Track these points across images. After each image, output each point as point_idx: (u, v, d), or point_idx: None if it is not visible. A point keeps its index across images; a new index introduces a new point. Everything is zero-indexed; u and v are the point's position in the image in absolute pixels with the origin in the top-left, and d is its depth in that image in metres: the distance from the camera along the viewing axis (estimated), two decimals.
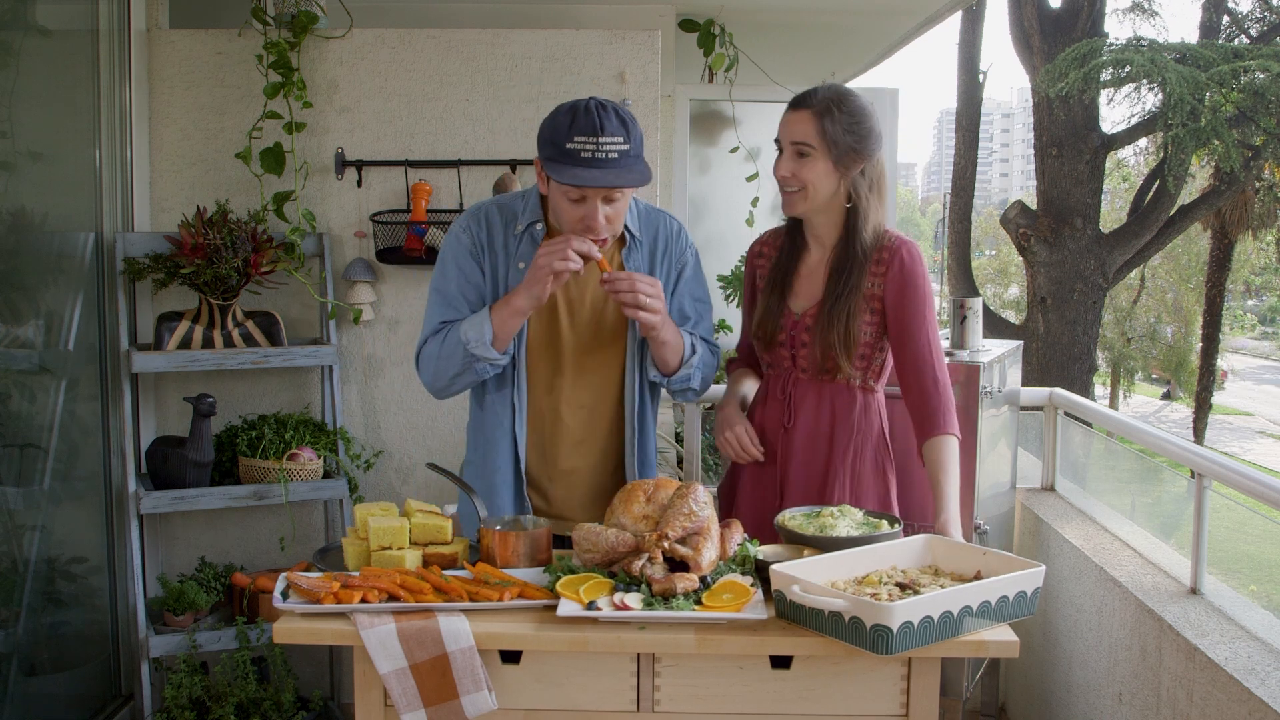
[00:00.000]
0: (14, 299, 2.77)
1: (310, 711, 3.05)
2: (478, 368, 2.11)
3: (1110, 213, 18.63)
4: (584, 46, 3.21)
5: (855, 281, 2.15)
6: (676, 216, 2.40)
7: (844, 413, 2.19)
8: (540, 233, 2.17)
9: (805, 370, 2.21)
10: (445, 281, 2.18)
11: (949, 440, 2.11)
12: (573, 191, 2.01)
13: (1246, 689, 1.89)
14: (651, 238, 2.24)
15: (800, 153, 2.13)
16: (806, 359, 2.20)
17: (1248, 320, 28.54)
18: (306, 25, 3.09)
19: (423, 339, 2.19)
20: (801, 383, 2.22)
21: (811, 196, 2.15)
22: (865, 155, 2.14)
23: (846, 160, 2.13)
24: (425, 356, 2.18)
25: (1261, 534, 4.18)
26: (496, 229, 2.18)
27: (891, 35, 4.97)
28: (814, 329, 2.17)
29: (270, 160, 3.09)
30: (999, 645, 1.65)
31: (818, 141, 2.11)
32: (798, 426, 2.21)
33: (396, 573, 1.78)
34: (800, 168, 2.14)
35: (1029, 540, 3.16)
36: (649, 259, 2.23)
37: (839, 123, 2.11)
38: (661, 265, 2.24)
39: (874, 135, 2.16)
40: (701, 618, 1.66)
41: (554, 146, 2.01)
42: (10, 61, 2.70)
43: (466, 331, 2.08)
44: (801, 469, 2.21)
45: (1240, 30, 12.33)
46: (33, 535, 2.79)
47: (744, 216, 4.14)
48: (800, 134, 2.13)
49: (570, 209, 2.04)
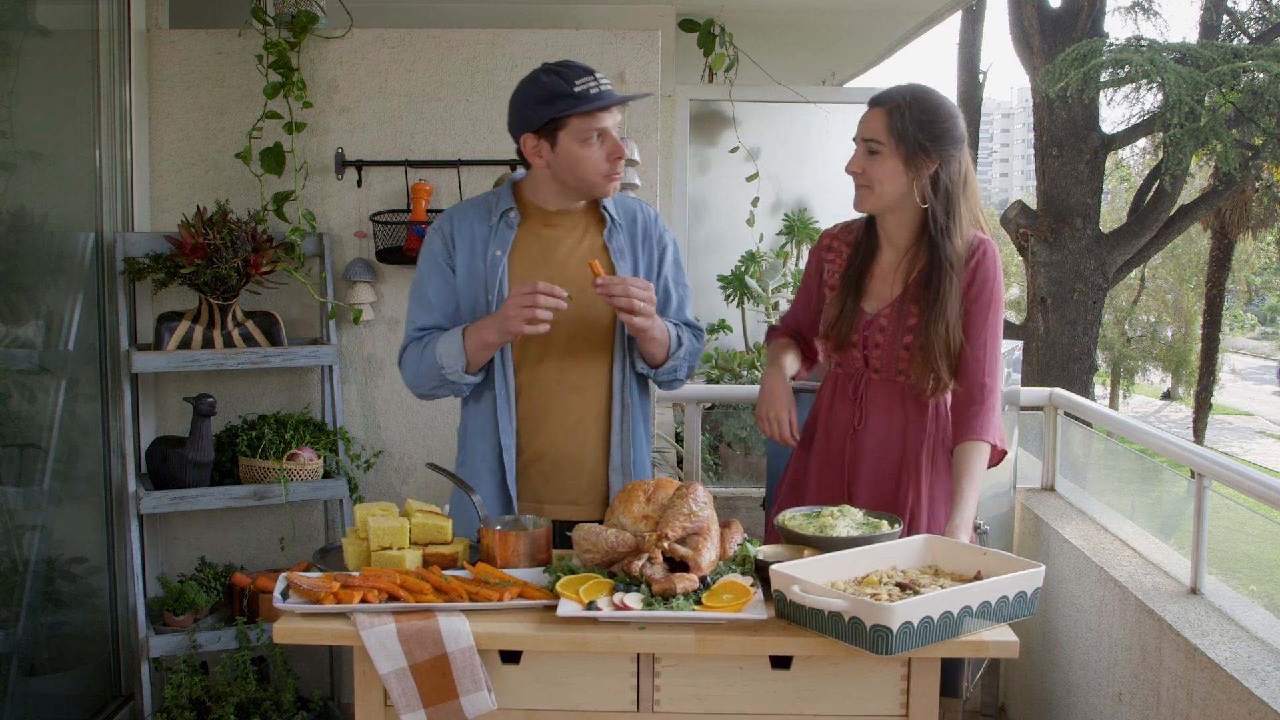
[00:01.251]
0: (14, 299, 2.77)
1: (310, 711, 3.05)
2: (453, 387, 2.17)
3: (1110, 213, 18.62)
4: (584, 46, 3.21)
5: (946, 290, 2.09)
6: (677, 217, 2.42)
7: (916, 415, 2.16)
8: (514, 219, 2.20)
9: (878, 371, 2.18)
10: (422, 286, 2.22)
11: (980, 446, 2.08)
12: (590, 130, 2.07)
13: (1246, 689, 1.89)
14: (630, 221, 2.27)
15: (870, 150, 2.10)
16: (880, 360, 2.17)
17: (1248, 320, 28.55)
18: (306, 25, 3.09)
19: (404, 343, 2.23)
20: (874, 384, 2.19)
21: (878, 194, 2.11)
22: (938, 156, 2.09)
23: (917, 160, 2.08)
24: (406, 363, 2.22)
25: (1261, 534, 4.18)
26: (466, 223, 2.20)
27: (891, 35, 4.97)
28: (889, 329, 2.14)
29: (270, 160, 3.09)
30: (999, 645, 1.65)
31: (886, 138, 2.08)
32: (868, 428, 2.19)
33: (396, 573, 1.78)
34: (869, 165, 2.11)
35: (1029, 540, 3.16)
36: (630, 241, 2.25)
37: (910, 120, 2.07)
38: (643, 248, 2.26)
39: (950, 137, 2.10)
40: (701, 618, 1.66)
41: (560, 100, 2.06)
42: (10, 61, 2.70)
43: (441, 355, 2.12)
44: (871, 472, 2.18)
45: (1240, 30, 12.32)
46: (33, 535, 2.79)
47: (744, 216, 4.14)
48: (871, 130, 2.10)
49: (592, 153, 2.09)
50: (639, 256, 2.25)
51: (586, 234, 2.23)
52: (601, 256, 2.20)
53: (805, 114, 4.22)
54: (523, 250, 2.20)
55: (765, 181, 4.08)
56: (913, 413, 2.17)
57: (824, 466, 2.24)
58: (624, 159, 2.14)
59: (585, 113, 2.06)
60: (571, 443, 2.22)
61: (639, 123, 3.22)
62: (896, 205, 2.13)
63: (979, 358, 2.12)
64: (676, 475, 3.46)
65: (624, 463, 2.23)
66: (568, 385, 2.21)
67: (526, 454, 2.22)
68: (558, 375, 2.20)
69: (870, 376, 2.19)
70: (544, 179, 2.17)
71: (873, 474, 2.18)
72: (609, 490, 2.23)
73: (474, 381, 2.16)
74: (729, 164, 4.17)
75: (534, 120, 2.09)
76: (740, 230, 4.14)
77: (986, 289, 2.13)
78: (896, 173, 2.09)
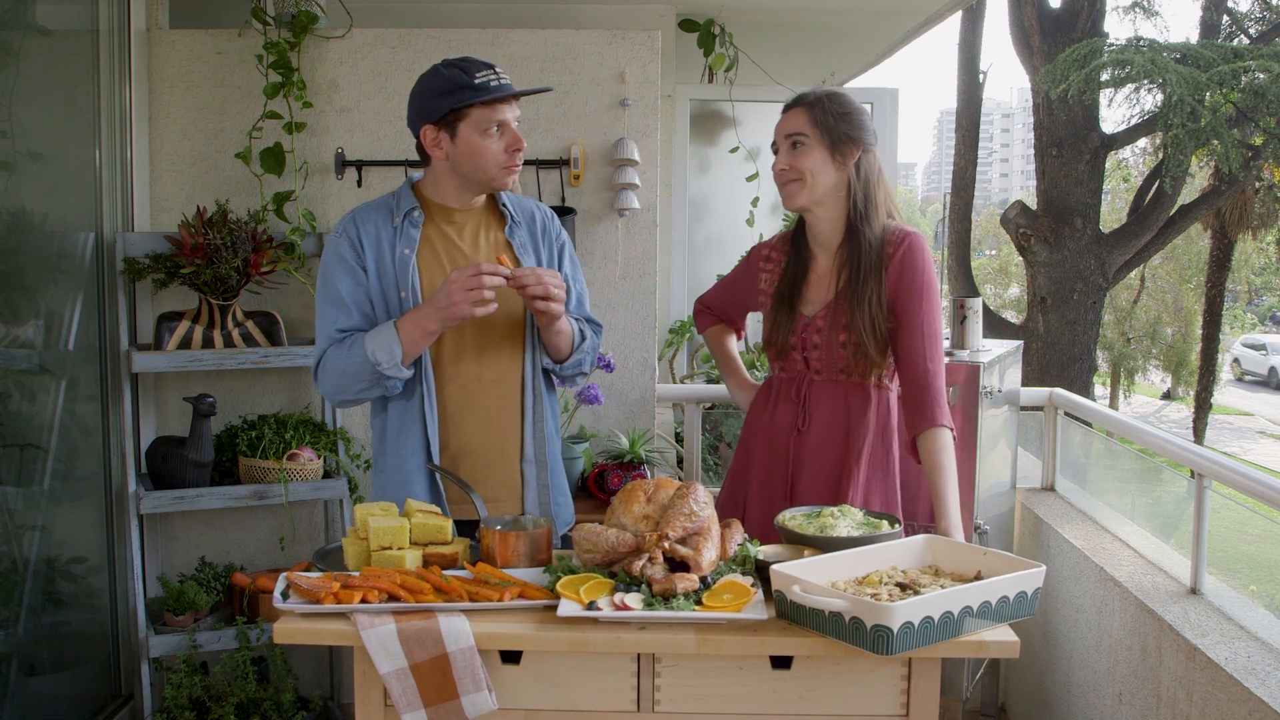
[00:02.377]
0: (14, 299, 2.77)
1: (310, 711, 3.05)
2: (386, 384, 2.13)
3: (1110, 213, 18.62)
4: (584, 46, 3.21)
5: (872, 272, 2.14)
6: (677, 217, 2.43)
7: (860, 411, 2.19)
8: (419, 218, 2.20)
9: (820, 372, 2.21)
10: (333, 290, 2.18)
11: (943, 434, 2.10)
12: (490, 121, 2.10)
13: (1246, 689, 1.89)
14: (529, 219, 2.30)
15: (795, 144, 2.16)
16: (820, 360, 2.19)
17: (1248, 320, 28.52)
18: (306, 25, 3.10)
19: (321, 350, 2.17)
20: (816, 384, 2.21)
21: (811, 186, 2.16)
22: (861, 143, 2.15)
23: (843, 148, 2.15)
24: (327, 370, 2.16)
25: (1261, 534, 4.17)
26: (370, 225, 2.19)
27: (891, 35, 4.97)
28: (825, 330, 2.17)
29: (270, 160, 3.09)
30: (999, 645, 1.65)
31: (810, 129, 2.15)
32: (812, 427, 2.21)
33: (396, 573, 1.78)
34: (797, 158, 2.15)
35: (1029, 540, 3.16)
36: (530, 238, 2.28)
37: (830, 112, 2.15)
38: (543, 244, 2.29)
39: (868, 127, 2.18)
40: (701, 618, 1.66)
41: (460, 90, 2.08)
42: (10, 61, 2.70)
43: (375, 351, 2.08)
44: (813, 469, 2.20)
45: (1240, 30, 12.32)
46: (33, 535, 2.79)
47: (744, 216, 4.14)
48: (793, 126, 2.17)
49: (492, 144, 2.12)
50: (540, 253, 2.28)
51: (489, 230, 2.25)
52: (506, 251, 2.23)
53: None
54: (429, 248, 2.20)
55: (765, 181, 4.07)
56: (856, 409, 2.19)
57: (767, 468, 2.26)
58: (522, 151, 2.16)
59: (485, 103, 2.09)
60: (492, 436, 2.22)
61: (639, 123, 3.22)
62: (827, 198, 2.17)
63: (918, 346, 2.13)
64: (676, 475, 3.46)
65: (537, 455, 2.25)
66: (486, 380, 2.22)
67: (451, 449, 2.22)
68: (476, 370, 2.21)
69: (812, 378, 2.22)
70: (444, 175, 2.19)
71: (815, 471, 2.20)
72: (523, 483, 2.24)
73: (408, 376, 2.14)
74: (729, 164, 4.17)
75: (434, 111, 2.11)
76: (740, 230, 4.14)
77: (916, 278, 2.15)
78: (825, 162, 2.15)
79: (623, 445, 3.08)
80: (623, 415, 3.28)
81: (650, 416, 3.29)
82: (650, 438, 3.23)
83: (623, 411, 3.28)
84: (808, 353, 2.21)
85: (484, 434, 2.22)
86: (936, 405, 2.11)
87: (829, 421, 2.20)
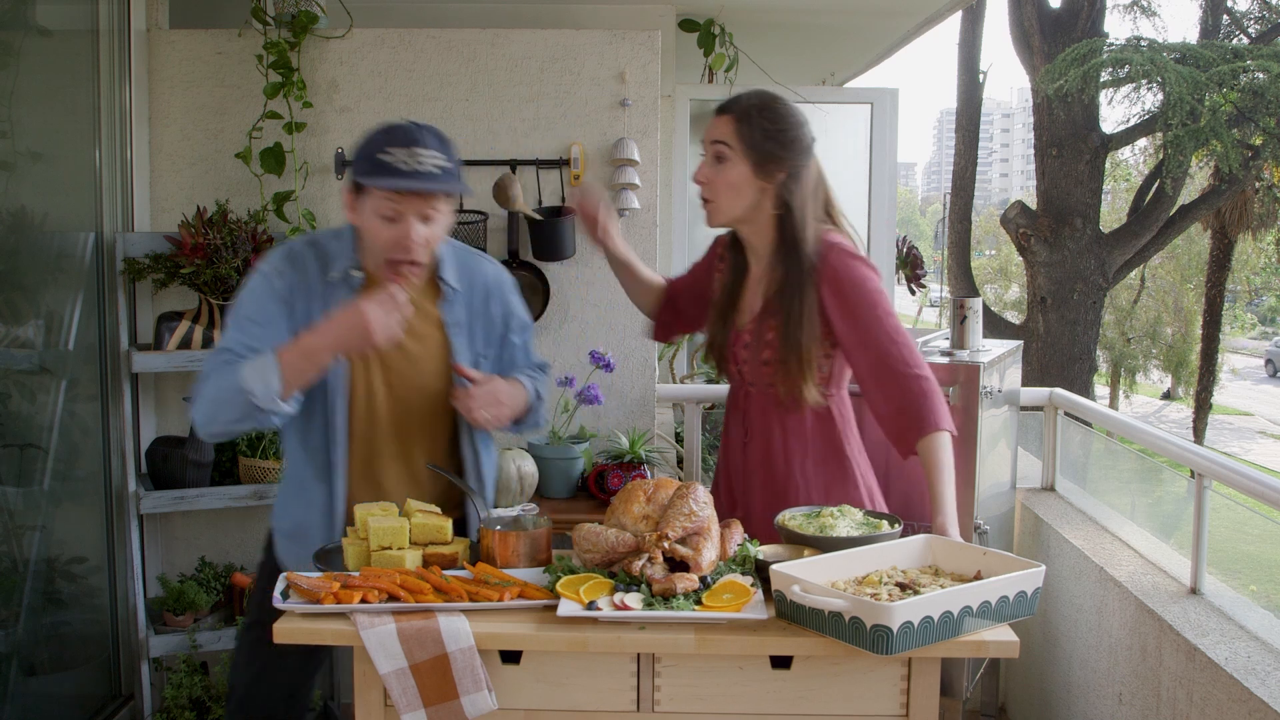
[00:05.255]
0: (14, 299, 2.77)
1: (310, 711, 3.05)
2: (260, 419, 1.87)
3: (1110, 213, 18.62)
4: (584, 46, 3.21)
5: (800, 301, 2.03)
6: (677, 217, 2.36)
7: (795, 429, 2.11)
8: (358, 280, 1.99)
9: (754, 385, 2.15)
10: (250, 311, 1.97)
11: (941, 437, 1.99)
12: (386, 208, 1.87)
13: (1247, 689, 1.89)
14: (468, 285, 2.09)
15: (719, 155, 2.06)
16: (751, 374, 2.14)
17: (1248, 320, 28.53)
18: (306, 25, 3.10)
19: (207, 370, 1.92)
20: (753, 397, 2.15)
21: (725, 208, 2.07)
22: (788, 162, 2.04)
23: (768, 166, 2.04)
24: (203, 391, 1.89)
25: (1261, 534, 4.17)
26: (311, 271, 1.99)
27: (891, 35, 4.97)
28: (751, 345, 2.11)
29: (270, 160, 3.09)
30: (999, 645, 1.65)
31: (736, 143, 2.04)
32: (753, 441, 2.16)
33: (396, 573, 1.78)
34: (716, 173, 2.06)
35: (1029, 540, 3.16)
36: (467, 310, 2.08)
37: (758, 127, 2.03)
38: (483, 316, 2.11)
39: (800, 144, 2.06)
40: (701, 618, 1.66)
41: (367, 161, 1.87)
42: (10, 61, 2.70)
43: (250, 381, 1.83)
44: (763, 485, 2.15)
45: (1240, 30, 12.33)
46: (33, 535, 2.79)
47: None
48: (719, 133, 2.06)
49: (383, 229, 1.89)
50: (475, 327, 2.10)
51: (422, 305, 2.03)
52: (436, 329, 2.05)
53: (805, 114, 4.23)
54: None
55: None
56: (792, 426, 2.11)
57: (727, 479, 2.23)
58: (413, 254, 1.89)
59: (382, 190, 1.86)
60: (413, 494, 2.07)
61: (639, 123, 3.22)
62: (747, 216, 2.09)
63: (892, 353, 2.01)
64: (676, 475, 3.46)
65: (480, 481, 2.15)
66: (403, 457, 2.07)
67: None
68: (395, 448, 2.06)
69: (748, 390, 2.16)
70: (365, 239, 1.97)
71: (763, 484, 2.15)
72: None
73: (288, 412, 1.89)
74: None
75: (352, 170, 1.93)
76: None
77: (854, 288, 2.04)
78: (744, 180, 2.05)
79: (623, 445, 3.08)
80: (623, 415, 3.28)
81: (650, 416, 3.30)
82: (650, 438, 3.23)
83: (623, 411, 3.28)
84: (740, 366, 2.15)
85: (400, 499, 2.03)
86: (930, 411, 1.99)
87: (765, 436, 2.13)
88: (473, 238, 3.20)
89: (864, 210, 4.33)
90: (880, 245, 4.29)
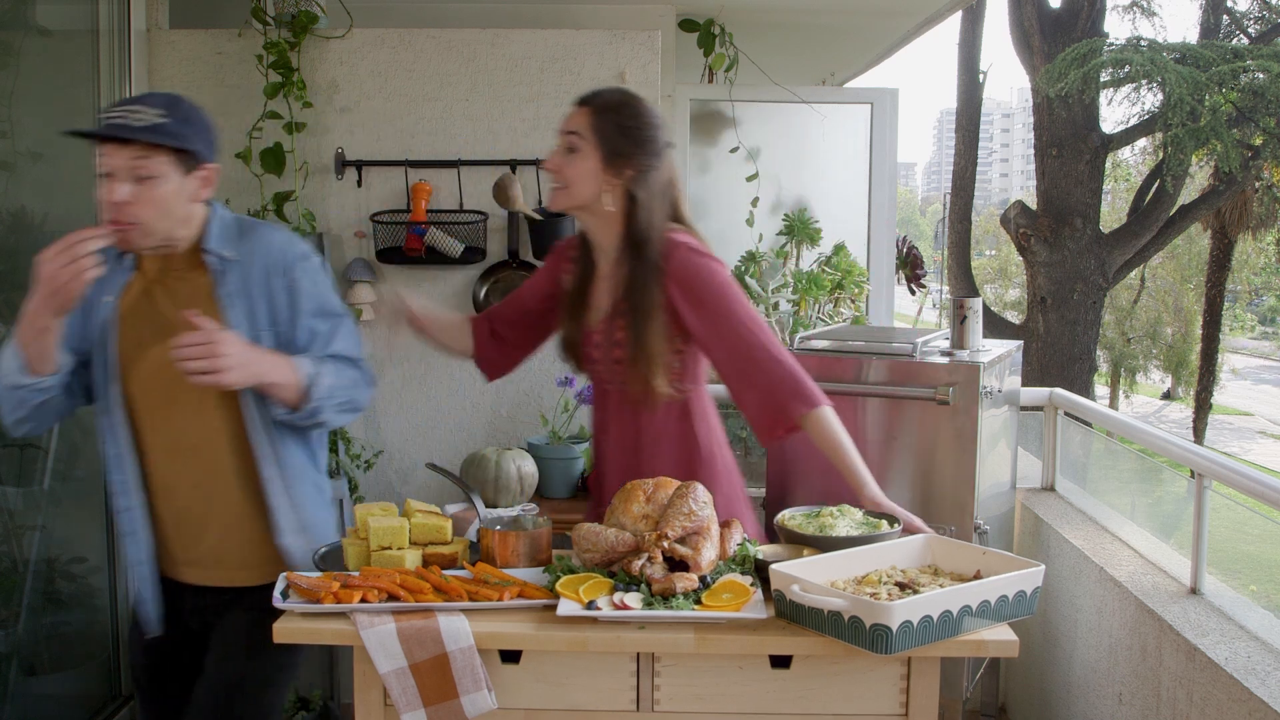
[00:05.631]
0: (14, 299, 2.77)
1: (310, 711, 3.05)
2: (22, 395, 1.86)
3: (1110, 213, 18.62)
4: (584, 46, 3.22)
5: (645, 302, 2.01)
6: None
7: (648, 423, 2.11)
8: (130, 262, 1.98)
9: (609, 384, 2.14)
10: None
11: (824, 411, 1.97)
12: (101, 164, 1.83)
13: (1247, 689, 1.89)
14: (247, 256, 1.94)
15: (570, 146, 2.04)
16: (605, 373, 2.13)
17: (1248, 320, 28.55)
18: (306, 25, 3.10)
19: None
20: (609, 395, 2.15)
21: (571, 195, 2.05)
22: (638, 160, 2.02)
23: (617, 161, 2.02)
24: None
25: (1261, 534, 4.17)
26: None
27: (891, 35, 4.97)
28: (602, 344, 2.10)
29: (270, 160, 3.09)
30: (999, 645, 1.65)
31: (589, 135, 2.03)
32: (610, 438, 2.16)
33: (396, 573, 1.78)
34: (566, 164, 2.04)
35: (1029, 540, 3.16)
36: (244, 284, 1.93)
37: (612, 122, 2.02)
38: (264, 286, 1.94)
39: (652, 144, 2.04)
40: (701, 617, 1.66)
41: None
42: (10, 61, 2.71)
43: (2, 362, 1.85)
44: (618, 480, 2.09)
45: (1240, 30, 12.33)
46: (33, 535, 2.79)
47: (744, 216, 4.13)
48: (574, 124, 2.05)
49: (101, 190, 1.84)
50: (257, 300, 1.94)
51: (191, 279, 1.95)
52: (208, 305, 1.91)
53: (805, 114, 4.22)
54: (130, 298, 1.96)
55: (765, 181, 4.08)
56: (644, 423, 2.10)
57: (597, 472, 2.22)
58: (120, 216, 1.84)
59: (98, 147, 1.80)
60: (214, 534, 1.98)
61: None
62: (593, 208, 2.06)
63: (749, 340, 2.00)
64: None
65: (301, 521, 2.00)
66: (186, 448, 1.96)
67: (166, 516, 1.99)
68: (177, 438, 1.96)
69: (606, 389, 2.15)
70: None
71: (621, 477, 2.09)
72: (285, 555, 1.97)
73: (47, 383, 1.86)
74: (729, 164, 4.16)
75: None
76: (740, 230, 4.14)
77: (701, 282, 2.02)
78: (592, 174, 2.02)
79: None
80: None
81: None
82: None
83: None
84: (594, 365, 2.14)
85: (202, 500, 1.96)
86: (803, 389, 1.98)
87: (621, 433, 2.13)
88: (473, 238, 3.21)
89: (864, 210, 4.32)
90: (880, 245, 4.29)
